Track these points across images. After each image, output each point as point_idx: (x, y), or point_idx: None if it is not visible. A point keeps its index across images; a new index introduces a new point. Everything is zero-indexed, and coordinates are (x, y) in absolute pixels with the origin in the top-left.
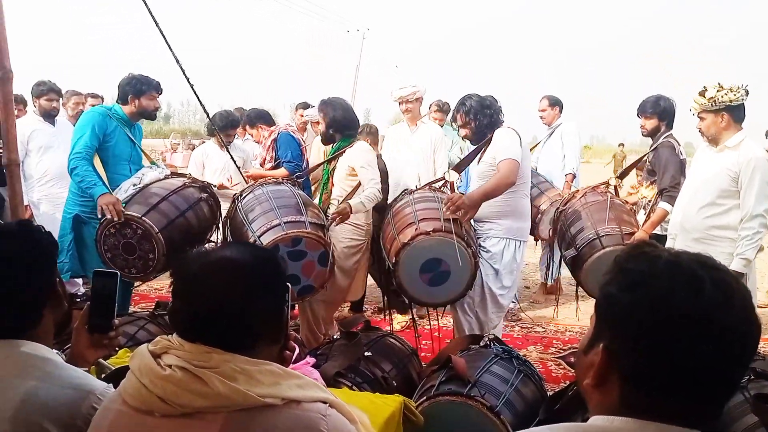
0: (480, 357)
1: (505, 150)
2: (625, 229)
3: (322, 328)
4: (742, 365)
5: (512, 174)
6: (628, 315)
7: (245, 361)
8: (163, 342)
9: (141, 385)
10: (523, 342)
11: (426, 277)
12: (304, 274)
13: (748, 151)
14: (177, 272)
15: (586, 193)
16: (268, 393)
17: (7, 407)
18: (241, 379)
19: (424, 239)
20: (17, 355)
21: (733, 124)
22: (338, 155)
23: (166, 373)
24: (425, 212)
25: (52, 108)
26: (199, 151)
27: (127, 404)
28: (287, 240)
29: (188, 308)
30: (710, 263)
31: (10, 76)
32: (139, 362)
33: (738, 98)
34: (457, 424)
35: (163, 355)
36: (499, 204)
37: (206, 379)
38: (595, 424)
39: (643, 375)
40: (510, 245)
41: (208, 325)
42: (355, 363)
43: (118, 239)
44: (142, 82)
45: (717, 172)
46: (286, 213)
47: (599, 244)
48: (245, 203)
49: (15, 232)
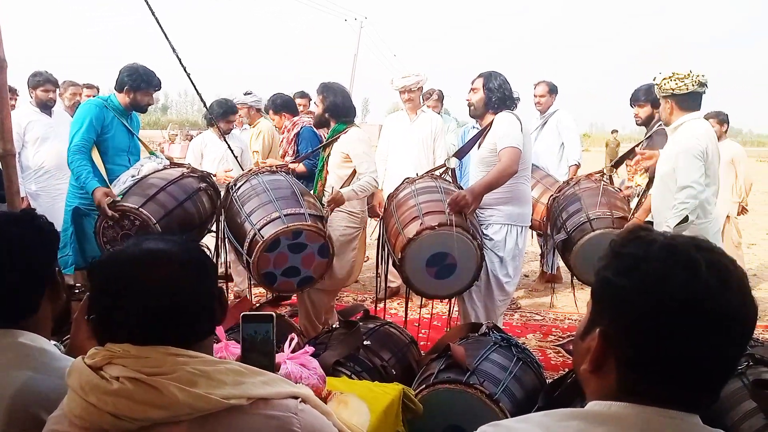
0: (479, 345)
1: (505, 137)
2: (616, 213)
3: (321, 316)
4: (740, 348)
5: (514, 163)
6: (623, 299)
7: (202, 362)
8: (102, 352)
9: (88, 404)
10: (522, 330)
11: (432, 270)
12: (304, 265)
13: (680, 135)
14: (102, 273)
15: (579, 180)
16: (231, 394)
17: (4, 398)
18: (201, 383)
19: (429, 234)
20: (15, 346)
21: (678, 111)
22: (333, 141)
23: (115, 387)
24: (429, 205)
25: (48, 99)
26: (197, 141)
27: (75, 425)
28: (288, 233)
29: (128, 306)
30: (706, 246)
31: (4, 65)
32: (79, 379)
33: (681, 87)
34: (456, 411)
35: (105, 367)
36: (500, 190)
37: (162, 388)
38: (593, 409)
39: (639, 359)
40: (512, 231)
41: (156, 321)
42: (354, 352)
43: (116, 231)
44: (142, 78)
45: (667, 155)
46: (285, 205)
47: (590, 227)
48: (241, 194)
49: (18, 219)
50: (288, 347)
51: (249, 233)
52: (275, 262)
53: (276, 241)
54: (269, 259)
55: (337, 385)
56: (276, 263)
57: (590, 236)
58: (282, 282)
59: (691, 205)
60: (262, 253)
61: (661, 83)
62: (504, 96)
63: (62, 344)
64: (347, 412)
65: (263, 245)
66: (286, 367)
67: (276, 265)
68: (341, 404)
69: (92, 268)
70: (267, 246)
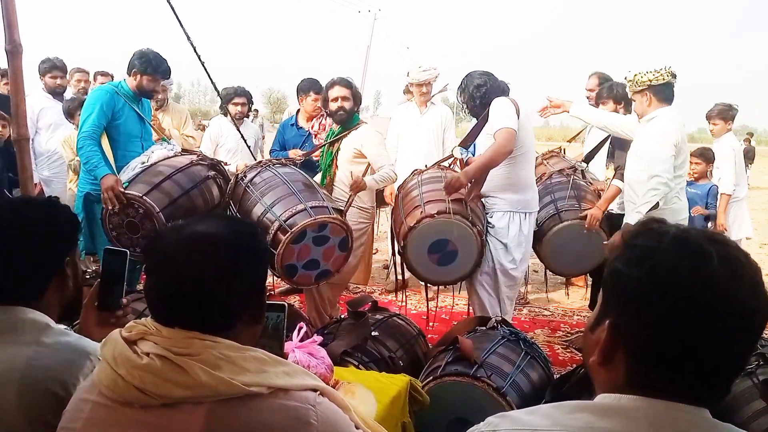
0: (487, 338)
1: (497, 121)
2: (584, 206)
3: (329, 309)
4: (751, 342)
5: (509, 142)
6: (634, 291)
7: (229, 347)
8: (138, 327)
9: (117, 375)
10: (530, 325)
11: (434, 257)
12: (324, 258)
13: (653, 126)
14: (148, 249)
15: (552, 174)
16: (253, 381)
17: (14, 372)
18: (225, 367)
19: (429, 222)
20: (23, 322)
21: (656, 102)
22: (342, 137)
23: (144, 362)
24: (431, 194)
25: (57, 85)
26: (213, 129)
27: (104, 395)
28: (314, 225)
29: (161, 288)
30: (719, 238)
31: (20, 50)
32: (113, 350)
33: (658, 77)
34: (463, 404)
35: (138, 342)
36: (499, 177)
37: (188, 368)
38: (602, 402)
39: (648, 352)
40: (515, 218)
41: (182, 305)
42: (362, 342)
43: (121, 218)
44: (150, 62)
45: (640, 146)
46: (308, 197)
47: (558, 218)
48: (257, 185)
49: (36, 204)
50: (297, 336)
51: (273, 224)
52: (299, 254)
53: (302, 233)
54: (294, 251)
55: (345, 374)
56: (299, 255)
57: (558, 227)
58: (302, 275)
59: (661, 191)
60: (288, 245)
61: (634, 78)
62: (486, 92)
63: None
64: (354, 401)
65: (291, 237)
66: (294, 356)
67: (299, 258)
68: (348, 394)
69: (145, 245)
70: (294, 237)
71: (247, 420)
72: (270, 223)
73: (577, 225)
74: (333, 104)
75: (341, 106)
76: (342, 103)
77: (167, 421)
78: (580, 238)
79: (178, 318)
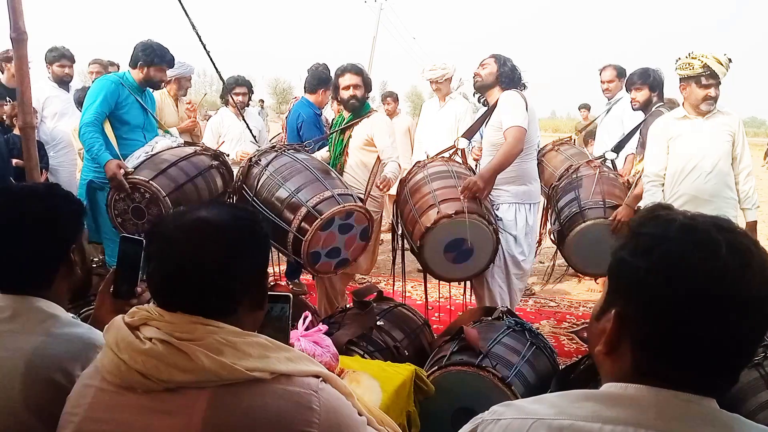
0: (492, 329)
1: (509, 116)
2: (609, 202)
3: (339, 298)
4: (759, 332)
5: (519, 142)
6: (640, 280)
7: (231, 333)
8: (140, 313)
9: (120, 360)
10: (536, 316)
11: (450, 255)
12: (346, 247)
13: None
14: (150, 233)
15: (579, 167)
16: (256, 366)
17: (20, 361)
18: (228, 352)
19: (446, 222)
20: (31, 311)
21: None
22: (353, 124)
23: (147, 347)
24: (444, 192)
25: (64, 74)
26: (215, 120)
27: (107, 381)
28: (342, 213)
29: (162, 272)
30: (727, 226)
31: (25, 37)
32: (116, 336)
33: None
34: (468, 394)
35: (141, 327)
36: (505, 171)
37: (190, 353)
38: (608, 391)
39: (655, 341)
40: (521, 209)
41: (183, 289)
42: (367, 332)
43: (127, 204)
44: (156, 53)
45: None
46: (333, 185)
47: (581, 217)
48: (276, 170)
49: (39, 193)
50: (302, 325)
51: (300, 210)
52: (324, 241)
53: (331, 220)
54: (320, 238)
55: (350, 363)
56: (325, 242)
57: (581, 227)
58: (323, 263)
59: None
60: (317, 231)
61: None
62: (515, 75)
63: (79, 317)
64: (359, 390)
65: (320, 223)
66: (300, 345)
67: (324, 245)
68: (353, 382)
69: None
70: (323, 224)
71: (249, 405)
72: (296, 208)
73: (602, 224)
74: (345, 92)
75: (353, 94)
76: (354, 91)
77: (170, 405)
78: (607, 238)
79: (180, 302)
